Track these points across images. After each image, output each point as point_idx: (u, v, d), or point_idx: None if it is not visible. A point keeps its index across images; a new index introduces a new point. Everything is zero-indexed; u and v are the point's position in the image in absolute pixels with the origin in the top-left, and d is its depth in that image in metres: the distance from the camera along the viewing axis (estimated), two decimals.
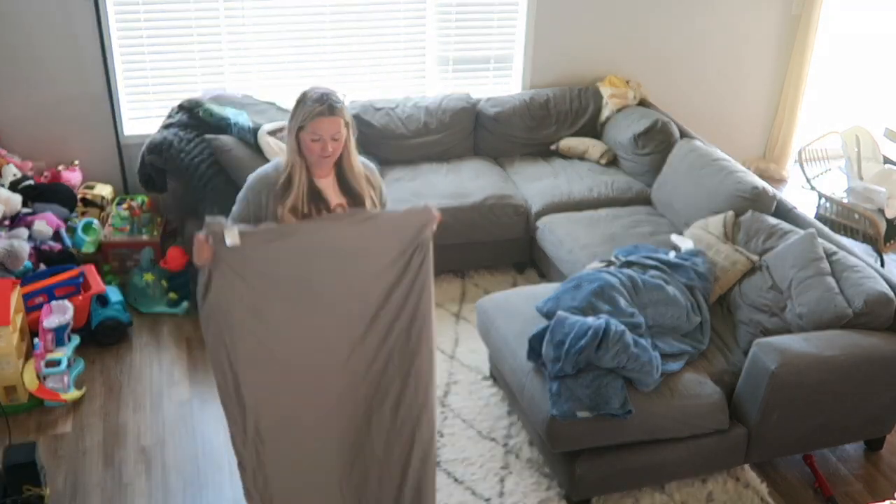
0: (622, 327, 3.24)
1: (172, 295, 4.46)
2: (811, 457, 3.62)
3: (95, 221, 4.68)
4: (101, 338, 4.15)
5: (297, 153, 2.67)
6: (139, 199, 4.84)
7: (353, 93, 5.33)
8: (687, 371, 3.39)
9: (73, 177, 4.84)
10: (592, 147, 5.22)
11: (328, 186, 2.75)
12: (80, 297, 4.05)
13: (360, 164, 2.80)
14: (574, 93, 5.43)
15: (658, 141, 4.94)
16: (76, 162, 4.94)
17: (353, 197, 2.77)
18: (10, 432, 3.60)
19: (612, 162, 5.22)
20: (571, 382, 3.16)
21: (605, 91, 5.41)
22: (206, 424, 3.72)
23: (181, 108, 4.62)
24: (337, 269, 2.57)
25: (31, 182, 4.58)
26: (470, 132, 5.25)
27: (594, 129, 5.42)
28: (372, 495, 2.80)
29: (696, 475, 3.47)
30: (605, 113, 5.37)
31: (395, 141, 5.06)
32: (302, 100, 2.64)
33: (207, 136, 4.44)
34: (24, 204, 4.50)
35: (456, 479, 3.45)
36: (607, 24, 5.57)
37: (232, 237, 2.41)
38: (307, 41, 5.13)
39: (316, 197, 2.72)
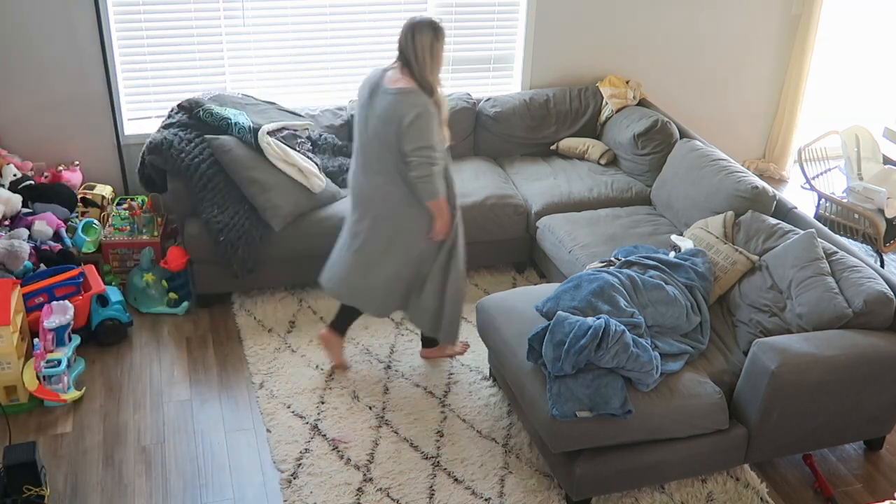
0: (622, 327, 3.23)
1: (172, 295, 4.46)
2: (811, 457, 3.62)
3: (95, 221, 4.68)
4: (101, 338, 4.15)
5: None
6: (139, 199, 4.85)
7: (354, 93, 5.34)
8: (687, 371, 3.39)
9: (73, 177, 4.84)
10: (592, 147, 5.22)
11: None
12: (80, 297, 4.05)
13: None
14: (574, 93, 5.43)
15: (658, 141, 4.94)
16: (76, 162, 4.94)
17: None
18: (10, 432, 3.60)
19: (612, 162, 5.22)
20: (571, 382, 3.16)
21: (605, 91, 5.41)
22: (206, 424, 3.72)
23: (181, 108, 4.61)
24: None
25: (31, 182, 4.58)
26: (470, 132, 5.25)
27: (594, 129, 5.42)
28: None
29: (696, 475, 3.47)
30: (605, 113, 5.37)
31: None
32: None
33: (207, 136, 4.44)
34: (25, 204, 4.51)
35: (456, 479, 3.45)
36: (607, 24, 5.58)
37: None
38: (307, 41, 5.13)
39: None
